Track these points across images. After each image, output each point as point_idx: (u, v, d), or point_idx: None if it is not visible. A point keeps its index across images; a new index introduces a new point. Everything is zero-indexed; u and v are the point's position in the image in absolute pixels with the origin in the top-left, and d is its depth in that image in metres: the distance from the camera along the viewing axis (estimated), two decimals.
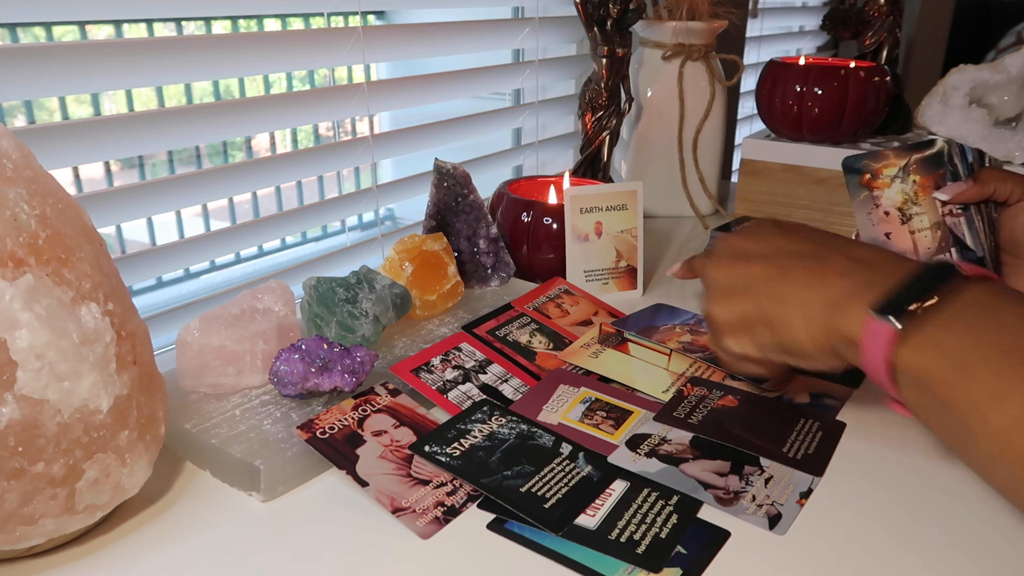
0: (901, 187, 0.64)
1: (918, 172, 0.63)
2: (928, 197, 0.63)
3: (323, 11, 0.81)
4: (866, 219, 0.66)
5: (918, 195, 0.63)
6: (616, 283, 0.78)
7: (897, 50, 1.31)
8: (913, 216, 0.64)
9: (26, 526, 0.39)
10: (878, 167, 0.65)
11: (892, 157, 0.65)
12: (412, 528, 0.45)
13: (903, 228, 0.64)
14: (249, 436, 0.50)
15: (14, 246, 0.38)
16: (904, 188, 0.64)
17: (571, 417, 0.56)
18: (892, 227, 0.65)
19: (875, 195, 0.65)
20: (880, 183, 0.65)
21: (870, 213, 0.66)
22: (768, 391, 0.60)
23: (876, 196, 0.65)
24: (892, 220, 0.65)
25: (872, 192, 0.66)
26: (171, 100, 1.14)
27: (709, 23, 0.99)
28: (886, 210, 0.65)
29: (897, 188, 0.64)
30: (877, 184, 0.65)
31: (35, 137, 0.59)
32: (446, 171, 0.75)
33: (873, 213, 0.66)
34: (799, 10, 2.02)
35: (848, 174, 0.67)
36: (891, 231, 0.65)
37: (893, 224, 0.65)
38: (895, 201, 0.64)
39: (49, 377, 0.38)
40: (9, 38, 0.86)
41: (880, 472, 0.51)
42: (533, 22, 1.03)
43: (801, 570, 0.43)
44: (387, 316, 0.62)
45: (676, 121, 1.01)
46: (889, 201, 0.65)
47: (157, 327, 0.68)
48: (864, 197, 0.66)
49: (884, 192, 0.65)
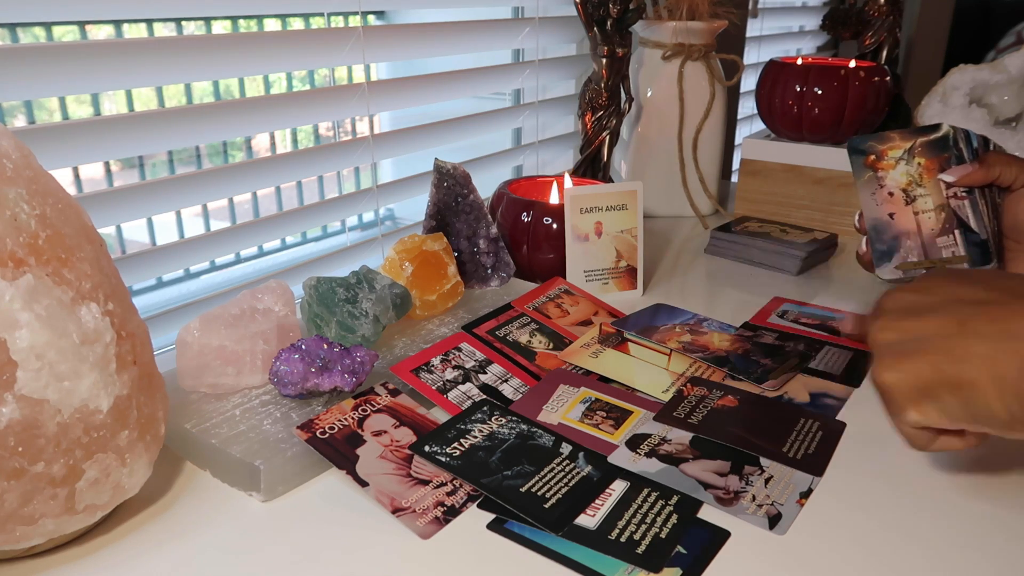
0: (906, 168, 0.65)
1: (923, 155, 0.64)
2: (933, 179, 0.64)
3: (323, 11, 0.81)
4: (870, 199, 0.67)
5: (923, 177, 0.64)
6: (616, 283, 0.78)
7: (897, 50, 1.31)
8: (917, 197, 0.65)
9: (26, 526, 0.39)
10: (883, 148, 0.66)
11: (898, 139, 0.66)
12: (412, 528, 0.45)
13: (907, 209, 0.65)
14: (249, 436, 0.50)
15: (14, 246, 0.38)
16: (909, 170, 0.65)
17: (571, 417, 0.56)
18: (896, 208, 0.66)
19: (879, 176, 0.66)
20: (885, 164, 0.66)
21: (874, 193, 0.66)
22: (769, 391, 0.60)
23: (880, 177, 0.66)
24: (896, 201, 0.66)
25: (877, 173, 0.66)
26: (171, 100, 1.14)
27: (709, 23, 0.99)
28: (890, 191, 0.65)
29: (902, 169, 0.65)
30: (882, 165, 0.66)
31: (35, 137, 0.59)
32: (446, 171, 0.75)
33: (877, 194, 0.66)
34: (799, 10, 2.02)
35: (853, 155, 0.68)
36: (895, 211, 0.66)
37: (897, 205, 0.66)
38: (899, 182, 0.65)
39: (49, 377, 0.38)
40: (9, 38, 0.86)
41: (880, 472, 0.51)
42: (533, 22, 1.03)
43: (801, 570, 0.43)
44: (387, 316, 0.62)
45: (676, 121, 1.01)
46: (893, 182, 0.65)
47: (157, 327, 0.68)
48: (868, 178, 0.67)
49: (889, 173, 0.65)
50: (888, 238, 0.66)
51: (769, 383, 0.61)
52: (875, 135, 0.67)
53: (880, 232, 0.66)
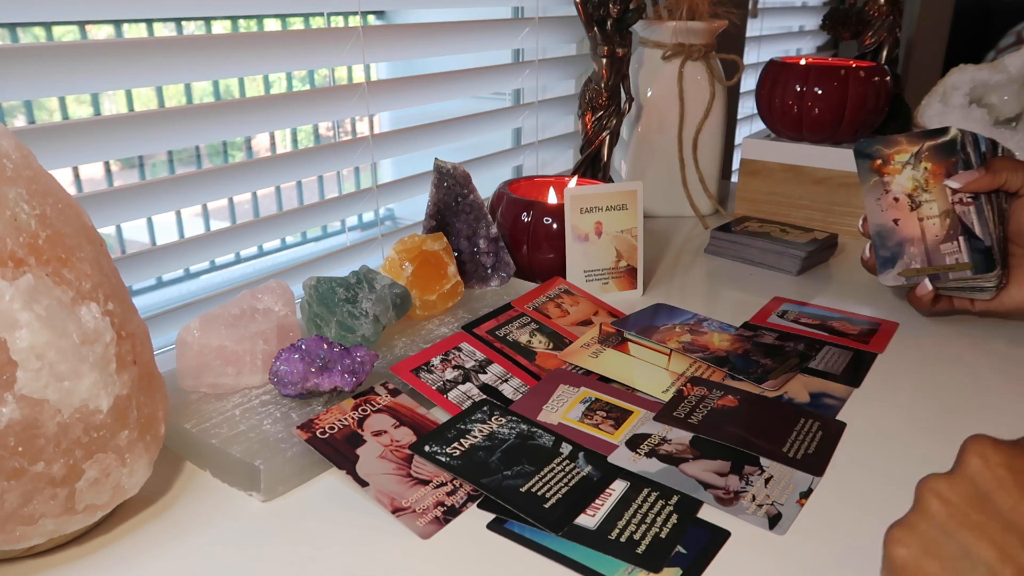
0: (912, 174, 0.64)
1: (930, 159, 0.64)
2: (938, 184, 0.63)
3: (323, 11, 0.81)
4: (875, 204, 0.67)
5: (929, 182, 0.64)
6: (616, 283, 0.78)
7: (897, 50, 1.31)
8: (923, 203, 0.64)
9: (26, 526, 0.39)
10: (890, 153, 0.65)
11: (905, 143, 0.65)
12: (412, 528, 0.45)
13: (912, 215, 0.65)
14: (249, 436, 0.50)
15: (14, 246, 0.38)
16: (915, 175, 0.64)
17: (571, 417, 0.56)
18: (901, 213, 0.65)
19: (885, 181, 0.66)
20: (891, 169, 0.65)
21: (879, 199, 0.66)
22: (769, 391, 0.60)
23: (886, 182, 0.65)
24: (901, 206, 0.65)
25: (883, 178, 0.66)
26: (171, 100, 1.14)
27: (709, 23, 0.99)
28: (896, 196, 0.65)
29: (908, 174, 0.64)
30: (888, 170, 0.65)
31: (35, 137, 0.59)
32: (446, 171, 0.75)
33: (882, 199, 0.66)
34: (799, 10, 2.02)
35: (859, 158, 0.67)
36: (900, 217, 0.66)
37: (902, 210, 0.65)
38: (905, 187, 0.65)
39: (49, 377, 0.38)
40: (9, 38, 0.86)
41: (880, 472, 0.51)
42: (533, 22, 1.03)
43: (801, 570, 0.43)
44: (387, 316, 0.62)
45: (676, 121, 1.01)
46: (899, 187, 0.65)
47: (157, 327, 0.68)
48: (874, 182, 0.66)
49: (895, 178, 0.65)
50: (892, 244, 0.66)
51: (769, 383, 0.61)
52: (882, 138, 0.66)
53: (884, 238, 0.66)
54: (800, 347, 0.67)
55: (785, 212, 1.02)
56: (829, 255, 0.92)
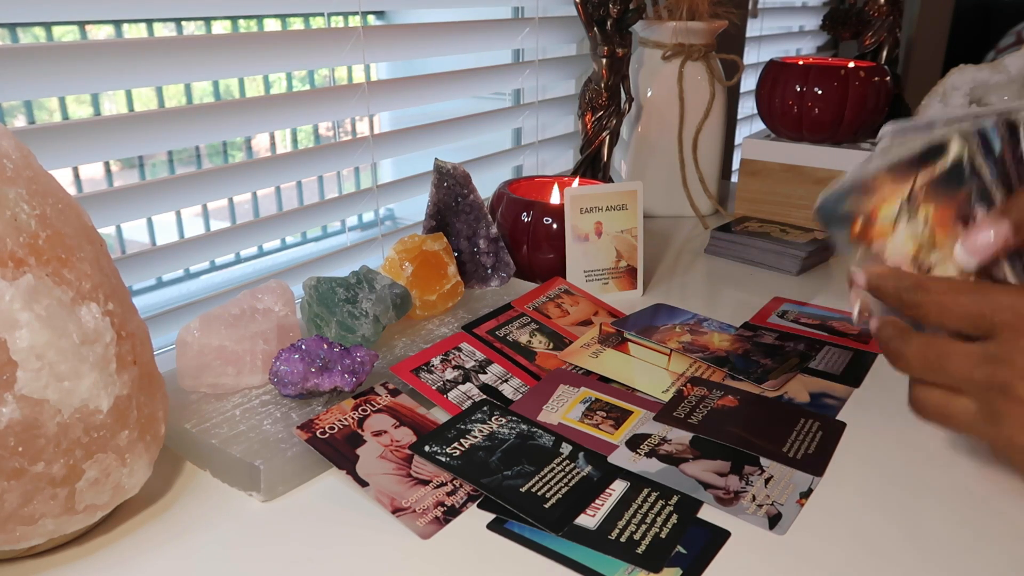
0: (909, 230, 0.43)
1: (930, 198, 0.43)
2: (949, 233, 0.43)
3: (323, 11, 0.81)
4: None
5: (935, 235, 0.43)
6: (616, 283, 0.78)
7: (897, 50, 1.31)
8: (935, 266, 0.43)
9: (26, 526, 0.39)
10: (871, 207, 0.45)
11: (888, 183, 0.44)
12: (412, 528, 0.45)
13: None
14: (249, 436, 0.50)
15: (14, 246, 0.38)
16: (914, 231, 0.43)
17: (571, 417, 0.56)
18: None
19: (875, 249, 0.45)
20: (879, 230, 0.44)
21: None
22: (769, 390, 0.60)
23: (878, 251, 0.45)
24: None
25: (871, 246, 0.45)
26: (171, 100, 1.14)
27: (709, 23, 0.99)
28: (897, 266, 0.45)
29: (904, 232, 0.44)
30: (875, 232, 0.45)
31: (35, 137, 0.59)
32: (446, 171, 0.75)
33: None
34: (799, 10, 2.02)
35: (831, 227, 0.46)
36: None
37: None
38: (905, 251, 0.44)
39: (49, 377, 0.38)
40: (9, 38, 0.86)
41: (880, 472, 0.51)
42: (533, 22, 1.03)
43: (801, 570, 0.43)
44: (387, 316, 0.62)
45: (676, 121, 1.01)
46: (897, 253, 0.44)
47: (157, 327, 0.68)
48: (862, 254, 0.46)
49: (887, 242, 0.44)
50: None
51: (769, 383, 0.61)
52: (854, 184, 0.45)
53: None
54: (800, 347, 0.67)
55: (785, 212, 1.02)
56: (829, 255, 0.92)
